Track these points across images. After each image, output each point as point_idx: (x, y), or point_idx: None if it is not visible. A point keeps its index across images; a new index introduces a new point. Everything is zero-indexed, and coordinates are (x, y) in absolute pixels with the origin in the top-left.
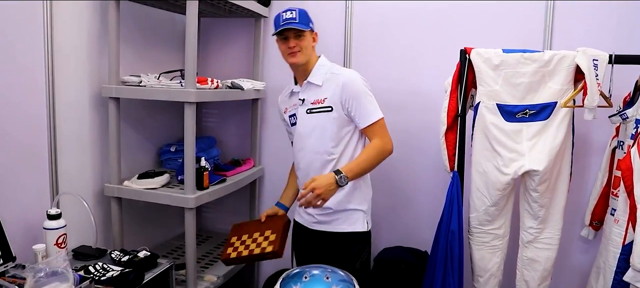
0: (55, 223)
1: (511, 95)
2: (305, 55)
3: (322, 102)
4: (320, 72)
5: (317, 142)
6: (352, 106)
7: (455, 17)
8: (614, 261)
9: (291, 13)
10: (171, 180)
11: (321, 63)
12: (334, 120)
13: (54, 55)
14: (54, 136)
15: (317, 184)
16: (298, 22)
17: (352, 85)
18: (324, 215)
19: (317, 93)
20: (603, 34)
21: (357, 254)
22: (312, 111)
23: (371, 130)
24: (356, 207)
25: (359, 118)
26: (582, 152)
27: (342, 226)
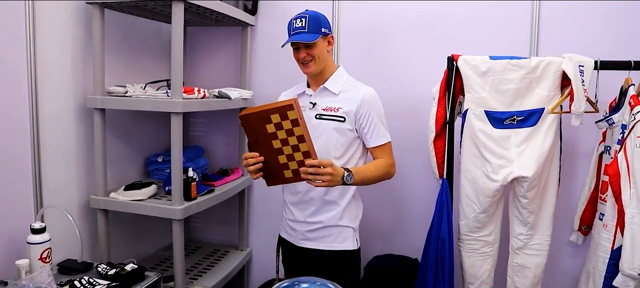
0: (40, 237)
1: (499, 102)
2: (318, 64)
3: (335, 111)
4: (338, 81)
5: (322, 149)
6: (366, 122)
7: (442, 23)
8: (603, 266)
9: (300, 21)
10: (158, 191)
11: (340, 73)
12: (343, 131)
13: (37, 65)
14: (38, 148)
15: (327, 171)
16: (307, 32)
17: (373, 102)
18: (313, 231)
19: (331, 101)
20: (589, 40)
21: (348, 271)
22: (322, 117)
23: (380, 151)
24: (347, 224)
25: (371, 136)
26: (570, 157)
27: (332, 244)
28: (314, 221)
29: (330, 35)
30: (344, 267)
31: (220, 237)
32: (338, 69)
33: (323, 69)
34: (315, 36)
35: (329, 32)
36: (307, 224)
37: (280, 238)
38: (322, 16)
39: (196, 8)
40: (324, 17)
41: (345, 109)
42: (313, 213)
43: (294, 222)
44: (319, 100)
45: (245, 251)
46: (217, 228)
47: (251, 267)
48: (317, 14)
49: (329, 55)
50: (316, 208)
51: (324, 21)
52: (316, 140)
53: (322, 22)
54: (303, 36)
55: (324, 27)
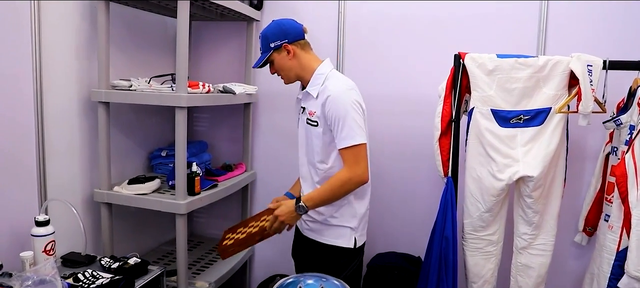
0: (44, 230)
1: (505, 101)
2: (286, 76)
3: (312, 115)
4: (316, 82)
5: (306, 154)
6: (332, 124)
7: (449, 21)
8: (608, 267)
9: (259, 42)
10: (162, 185)
11: (320, 71)
12: (318, 135)
13: (42, 58)
14: (42, 141)
15: (280, 211)
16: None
17: (333, 103)
18: (313, 222)
19: (312, 104)
20: (597, 39)
21: (343, 267)
22: (308, 122)
23: (343, 155)
24: (342, 223)
25: (337, 137)
26: (576, 157)
27: (327, 238)
28: (312, 215)
29: (284, 44)
30: (339, 262)
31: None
32: (318, 68)
33: (300, 74)
34: (262, 58)
35: (280, 43)
36: (308, 216)
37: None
38: (271, 30)
39: (202, 2)
40: (275, 28)
41: (317, 112)
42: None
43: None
44: (306, 105)
45: None
46: (220, 223)
47: (253, 262)
48: (266, 30)
49: (297, 59)
50: None
51: (272, 35)
52: (302, 146)
53: (271, 37)
54: (257, 60)
55: (274, 40)
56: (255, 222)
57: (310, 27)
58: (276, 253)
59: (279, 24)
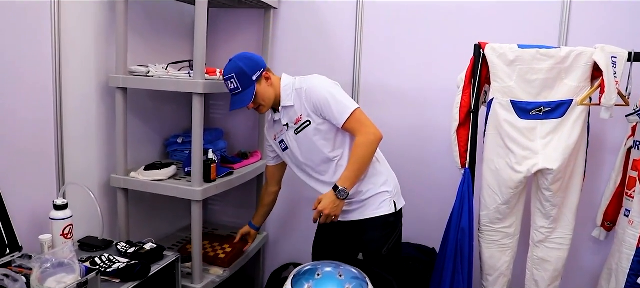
0: (62, 213)
1: (526, 92)
2: (267, 104)
3: (300, 120)
4: (287, 93)
5: (316, 155)
6: (323, 111)
7: (468, 12)
8: (627, 263)
9: (231, 83)
10: (178, 172)
11: (285, 83)
12: (317, 131)
13: (61, 44)
14: (61, 126)
15: (323, 206)
16: (242, 92)
17: (313, 93)
18: (349, 204)
19: (293, 113)
20: (621, 30)
21: (384, 239)
22: (298, 131)
23: (349, 127)
24: (379, 190)
25: (333, 120)
26: (596, 150)
27: (366, 212)
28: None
29: (263, 72)
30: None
31: (237, 220)
32: (282, 81)
33: (277, 97)
34: (250, 93)
35: (260, 71)
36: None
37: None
38: (246, 61)
39: None
40: (248, 60)
41: (303, 113)
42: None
43: None
44: (287, 119)
45: (261, 235)
46: (234, 211)
47: (267, 250)
48: (240, 65)
49: (272, 85)
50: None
51: (249, 67)
52: (307, 151)
53: (249, 70)
54: (241, 99)
55: (253, 72)
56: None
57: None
58: (289, 242)
59: (248, 57)
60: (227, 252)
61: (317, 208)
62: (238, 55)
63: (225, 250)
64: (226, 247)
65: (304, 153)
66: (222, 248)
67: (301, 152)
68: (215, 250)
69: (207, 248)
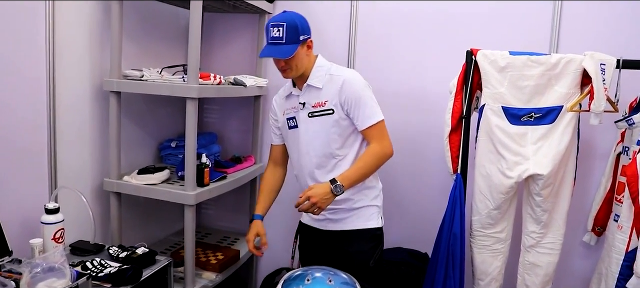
0: (53, 217)
1: (517, 98)
2: (297, 71)
3: (323, 105)
4: (319, 74)
5: (322, 145)
6: (351, 107)
7: (461, 18)
8: (616, 268)
9: (278, 30)
10: (171, 176)
11: (319, 64)
12: (335, 122)
13: (55, 47)
14: (54, 129)
15: (313, 193)
16: (284, 44)
17: (350, 86)
18: (334, 212)
19: (317, 96)
20: (610, 37)
21: (371, 252)
22: (314, 114)
23: (369, 133)
24: (370, 203)
25: (357, 120)
26: (586, 156)
27: (356, 223)
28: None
29: (309, 39)
30: (367, 247)
31: (230, 224)
32: (317, 60)
33: (307, 70)
34: (292, 49)
35: (307, 36)
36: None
37: (302, 225)
38: (300, 19)
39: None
40: (302, 19)
41: (330, 100)
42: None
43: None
44: (306, 99)
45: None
46: (228, 215)
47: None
48: (295, 20)
49: (309, 56)
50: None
51: (302, 26)
52: (315, 139)
53: (301, 28)
54: (280, 50)
55: (303, 33)
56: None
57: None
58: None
59: (303, 17)
60: (219, 258)
61: (305, 194)
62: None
63: (218, 256)
64: (218, 254)
65: (309, 139)
66: (214, 254)
67: (308, 136)
68: (207, 255)
69: (200, 254)
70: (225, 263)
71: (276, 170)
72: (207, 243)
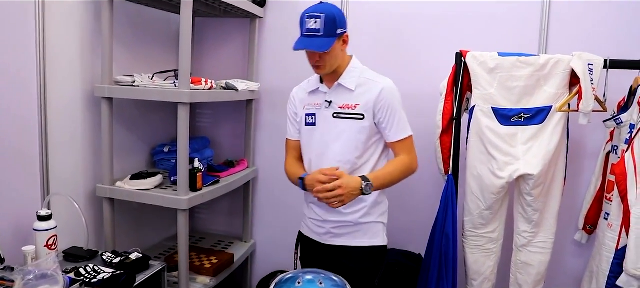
0: (46, 224)
1: (506, 99)
2: (330, 66)
3: (352, 108)
4: (353, 75)
5: (341, 150)
6: (385, 117)
7: (451, 20)
8: (607, 266)
9: (315, 22)
10: (164, 181)
11: (354, 65)
12: (363, 129)
13: (46, 54)
14: (46, 136)
15: (344, 183)
16: (322, 36)
17: (390, 95)
18: (339, 226)
19: (348, 98)
20: (598, 38)
21: (376, 270)
22: (340, 116)
23: (399, 146)
24: (377, 219)
25: (391, 131)
26: (576, 156)
27: (361, 239)
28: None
29: (345, 34)
30: (371, 265)
31: (224, 228)
32: (351, 61)
33: (340, 66)
34: (330, 42)
35: (344, 30)
36: (334, 222)
37: (302, 236)
38: (338, 12)
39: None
40: (340, 12)
41: (363, 105)
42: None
43: (318, 221)
44: (334, 98)
45: (249, 243)
46: (222, 220)
47: (255, 258)
48: (333, 12)
49: (344, 52)
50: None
51: (339, 19)
52: (335, 141)
53: (338, 21)
54: (316, 43)
55: (340, 26)
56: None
57: None
58: (277, 250)
59: (340, 10)
60: (214, 262)
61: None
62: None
63: (212, 261)
64: (213, 258)
65: (329, 141)
66: (208, 258)
67: (327, 138)
68: (201, 259)
69: (194, 258)
70: (220, 267)
71: (299, 163)
72: (202, 247)
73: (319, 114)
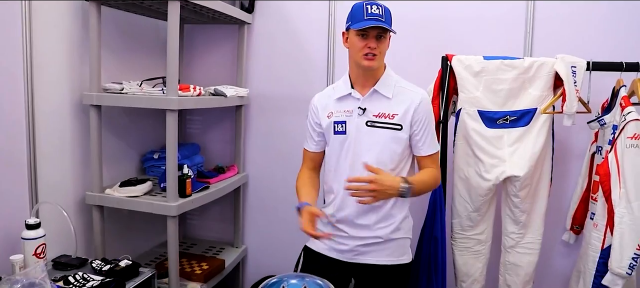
0: (34, 233)
1: (492, 102)
2: (380, 61)
3: (390, 118)
4: (389, 83)
5: (375, 161)
6: (420, 129)
7: (437, 24)
8: (593, 265)
9: (377, 8)
10: (154, 187)
11: (389, 73)
12: (400, 139)
13: (33, 62)
14: (34, 144)
15: (380, 179)
16: (384, 21)
17: (427, 107)
18: (366, 242)
19: (384, 106)
20: (583, 41)
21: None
22: (375, 125)
23: (428, 160)
24: (405, 235)
25: (424, 144)
26: (563, 157)
27: (389, 257)
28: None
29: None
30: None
31: (216, 234)
32: (387, 69)
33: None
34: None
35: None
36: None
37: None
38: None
39: (193, 6)
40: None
41: (401, 115)
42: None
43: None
44: (369, 105)
45: (240, 248)
46: (213, 225)
47: (246, 263)
48: (388, 10)
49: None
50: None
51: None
52: (368, 151)
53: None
54: (382, 23)
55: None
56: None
57: (301, 29)
58: (269, 254)
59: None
60: (204, 268)
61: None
62: None
63: (203, 267)
64: (203, 264)
65: (361, 151)
66: (199, 264)
67: (360, 147)
68: (192, 265)
69: (184, 264)
70: (210, 273)
71: (313, 175)
72: (193, 253)
73: (349, 121)
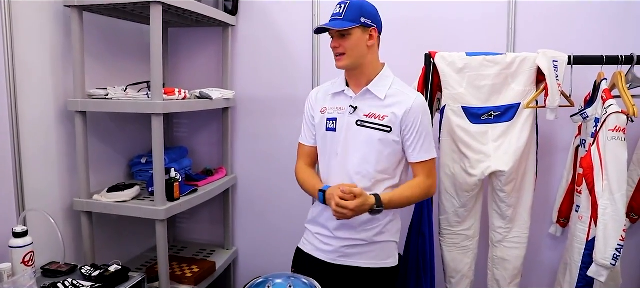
0: (22, 241)
1: (476, 98)
2: (351, 58)
3: (380, 119)
4: (384, 83)
5: (361, 162)
6: (413, 134)
7: (421, 22)
8: (579, 257)
9: (340, 7)
10: (142, 192)
11: (386, 74)
12: (388, 142)
13: (15, 69)
14: (19, 152)
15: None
16: (342, 20)
17: (423, 112)
18: (350, 244)
19: (375, 106)
20: (564, 35)
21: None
22: (364, 124)
23: (421, 167)
24: (392, 238)
25: (414, 150)
26: (548, 151)
27: (374, 260)
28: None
29: (372, 28)
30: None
31: (206, 237)
32: (383, 69)
33: (363, 66)
34: (347, 25)
35: (371, 24)
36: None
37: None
38: (368, 5)
39: (175, 10)
40: (370, 6)
41: (391, 117)
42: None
43: (327, 237)
44: (360, 104)
45: (230, 250)
46: (203, 228)
47: (237, 265)
48: (363, 2)
49: (371, 51)
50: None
51: (368, 11)
52: (356, 151)
53: (365, 11)
54: (334, 23)
55: (367, 16)
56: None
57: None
58: (260, 256)
59: (374, 9)
60: (195, 271)
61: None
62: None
63: (193, 269)
64: (194, 267)
65: (348, 150)
66: (190, 267)
67: (348, 146)
68: (182, 268)
69: (175, 267)
70: (201, 275)
71: (312, 170)
72: (183, 257)
73: (340, 119)
